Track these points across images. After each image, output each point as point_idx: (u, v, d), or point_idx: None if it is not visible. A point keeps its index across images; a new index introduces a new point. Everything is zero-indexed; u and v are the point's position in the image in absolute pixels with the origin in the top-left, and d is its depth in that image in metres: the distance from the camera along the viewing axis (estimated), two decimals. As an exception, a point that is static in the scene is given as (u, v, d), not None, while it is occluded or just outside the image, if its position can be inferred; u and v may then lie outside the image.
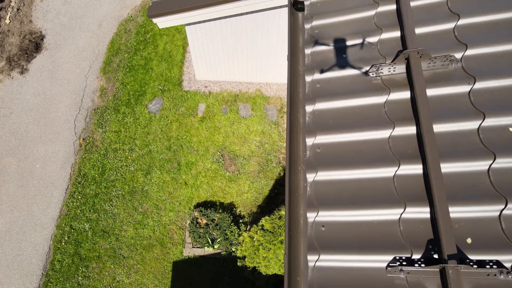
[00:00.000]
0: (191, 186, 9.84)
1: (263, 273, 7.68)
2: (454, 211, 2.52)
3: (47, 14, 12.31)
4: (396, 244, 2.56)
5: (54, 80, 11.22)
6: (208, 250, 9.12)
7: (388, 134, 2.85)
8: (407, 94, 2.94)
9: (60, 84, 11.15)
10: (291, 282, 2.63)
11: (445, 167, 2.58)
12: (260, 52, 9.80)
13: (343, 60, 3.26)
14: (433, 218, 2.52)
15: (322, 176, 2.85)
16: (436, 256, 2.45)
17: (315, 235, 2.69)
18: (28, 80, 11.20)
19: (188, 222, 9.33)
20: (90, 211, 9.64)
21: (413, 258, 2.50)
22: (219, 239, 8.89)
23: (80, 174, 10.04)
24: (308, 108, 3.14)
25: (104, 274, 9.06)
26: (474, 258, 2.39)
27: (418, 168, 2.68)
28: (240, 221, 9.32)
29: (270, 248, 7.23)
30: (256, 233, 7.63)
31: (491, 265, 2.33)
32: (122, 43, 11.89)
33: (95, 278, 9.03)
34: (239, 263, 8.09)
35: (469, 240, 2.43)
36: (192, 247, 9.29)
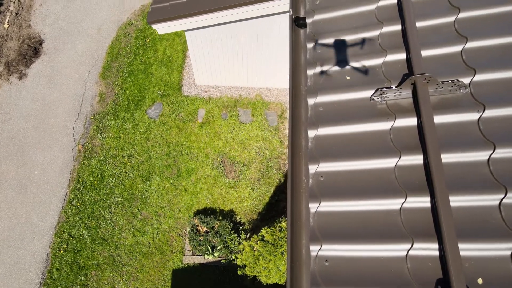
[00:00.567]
0: (191, 193, 9.75)
1: (264, 282, 7.61)
2: (464, 249, 2.41)
3: (46, 18, 12.21)
4: (403, 283, 2.46)
5: (53, 85, 11.13)
6: (208, 258, 9.04)
7: (394, 163, 2.75)
8: (413, 121, 2.84)
9: (59, 90, 11.06)
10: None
11: (454, 201, 2.49)
12: (261, 57, 9.72)
13: (346, 83, 3.17)
14: (442, 256, 2.42)
15: (325, 207, 2.76)
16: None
17: (319, 269, 2.59)
18: (26, 86, 11.11)
19: (187, 229, 9.25)
20: (89, 218, 9.56)
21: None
22: (219, 247, 8.81)
23: (79, 180, 9.95)
24: (311, 133, 3.05)
25: (103, 282, 8.98)
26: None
27: (425, 201, 2.58)
28: (240, 228, 9.24)
29: (271, 259, 7.15)
30: (257, 243, 7.55)
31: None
32: (122, 48, 11.79)
33: (93, 287, 8.96)
34: (239, 272, 8.02)
35: (480, 281, 2.34)
36: (192, 255, 9.21)
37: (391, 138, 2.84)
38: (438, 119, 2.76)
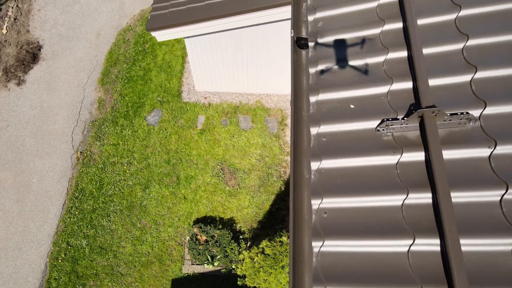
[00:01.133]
0: (191, 201, 9.66)
1: (264, 294, 7.52)
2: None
3: (44, 23, 12.10)
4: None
5: (52, 91, 11.02)
6: (208, 268, 8.95)
7: (401, 201, 2.63)
8: (421, 156, 2.71)
9: (57, 96, 10.96)
10: None
11: (465, 244, 2.38)
12: (261, 63, 9.63)
13: (350, 112, 3.05)
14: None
15: (329, 247, 2.65)
16: None
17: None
18: (25, 92, 11.00)
19: (187, 238, 9.16)
20: (87, 227, 9.46)
21: None
22: (219, 256, 8.72)
23: (77, 188, 9.85)
24: (314, 165, 2.92)
25: (101, 293, 8.90)
26: None
27: (435, 244, 2.47)
28: (240, 237, 9.15)
29: (271, 272, 7.06)
30: (257, 255, 7.46)
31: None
32: (121, 54, 11.69)
33: (92, 297, 8.87)
34: (239, 282, 7.95)
35: None
36: (192, 264, 9.13)
37: (398, 173, 2.72)
38: (447, 155, 2.63)
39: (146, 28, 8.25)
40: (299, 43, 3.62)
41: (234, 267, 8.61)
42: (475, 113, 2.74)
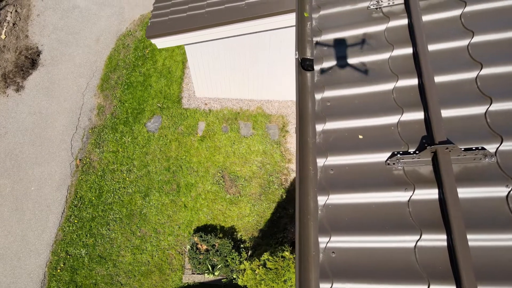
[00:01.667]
0: (191, 209, 9.55)
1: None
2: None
3: (43, 29, 11.97)
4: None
5: (51, 97, 10.91)
6: (209, 277, 8.85)
7: (413, 242, 2.52)
8: (434, 194, 2.57)
9: (56, 102, 10.84)
10: None
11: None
12: (262, 69, 9.53)
13: (359, 143, 2.92)
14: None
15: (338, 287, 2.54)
16: None
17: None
18: (23, 98, 10.88)
19: (187, 247, 9.06)
20: (86, 235, 9.36)
21: None
22: (219, 266, 8.62)
23: (76, 196, 9.74)
24: (321, 200, 2.80)
25: (100, 303, 8.80)
26: None
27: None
28: (241, 246, 9.05)
29: (273, 286, 6.95)
30: (259, 268, 7.36)
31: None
32: (120, 59, 11.57)
33: (91, 308, 8.77)
34: (240, 293, 7.86)
35: None
36: (192, 273, 9.03)
37: (410, 211, 2.60)
38: (462, 193, 2.50)
39: (146, 35, 8.14)
40: (303, 64, 3.51)
41: (235, 276, 8.53)
42: (491, 148, 2.60)
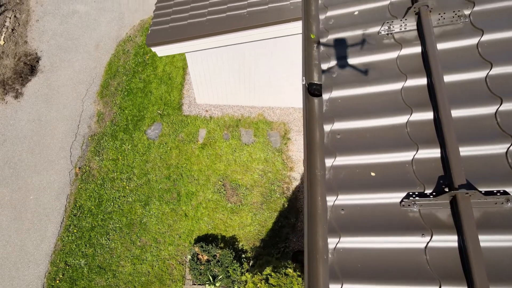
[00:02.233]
0: (192, 218, 9.43)
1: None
2: None
3: (43, 34, 11.83)
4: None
5: (50, 104, 10.77)
6: (209, 288, 8.74)
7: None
8: (453, 241, 2.39)
9: (55, 109, 10.70)
10: None
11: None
12: (263, 76, 9.42)
13: (371, 181, 2.76)
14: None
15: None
16: None
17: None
18: (22, 105, 10.75)
19: (188, 257, 8.94)
20: (86, 245, 9.23)
21: None
22: (220, 277, 8.51)
23: (75, 205, 9.62)
24: (331, 242, 2.54)
25: (100, 315, 8.69)
26: None
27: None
28: (243, 256, 8.94)
29: (276, 302, 6.83)
30: (261, 282, 7.24)
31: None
32: (120, 65, 11.43)
33: (91, 320, 8.66)
34: (241, 305, 7.74)
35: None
36: (193, 284, 8.91)
37: (428, 260, 2.46)
38: (484, 241, 2.35)
39: (146, 43, 8.03)
40: (310, 89, 3.37)
41: (236, 287, 8.43)
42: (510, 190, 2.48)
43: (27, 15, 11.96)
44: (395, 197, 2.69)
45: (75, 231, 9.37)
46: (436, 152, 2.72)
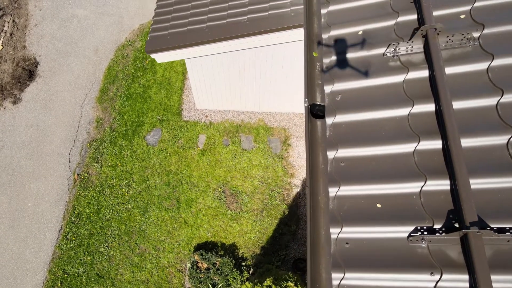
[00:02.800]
0: (191, 225, 9.34)
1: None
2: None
3: (41, 39, 11.71)
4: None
5: (48, 110, 10.66)
6: (209, 297, 8.65)
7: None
8: (465, 281, 2.30)
9: (54, 115, 10.60)
10: None
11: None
12: (264, 82, 9.32)
13: (377, 213, 2.65)
14: None
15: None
16: None
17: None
18: (20, 111, 10.64)
19: (188, 265, 8.85)
20: (84, 253, 9.14)
21: None
22: (220, 285, 8.42)
23: (74, 212, 9.52)
24: (335, 278, 2.48)
25: (99, 324, 8.60)
26: None
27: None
28: (243, 263, 8.86)
29: (276, 316, 6.74)
30: (261, 293, 7.16)
31: None
32: (120, 70, 11.32)
33: (89, 329, 8.57)
34: (241, 315, 7.65)
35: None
36: (192, 292, 8.82)
37: (434, 289, 2.37)
38: (496, 281, 2.24)
39: (145, 50, 7.94)
40: (313, 110, 3.26)
41: (236, 296, 8.36)
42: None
43: (26, 19, 11.84)
44: (403, 231, 2.58)
45: (73, 238, 9.27)
46: (445, 184, 2.60)
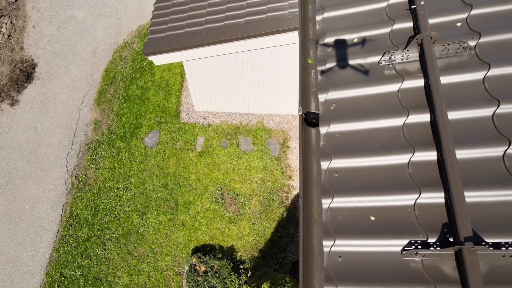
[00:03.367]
0: (189, 228, 9.30)
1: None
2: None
3: (39, 40, 11.67)
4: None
5: (46, 112, 10.63)
6: (207, 300, 8.61)
7: None
8: None
9: (52, 117, 10.56)
10: None
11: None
12: (262, 83, 9.29)
13: (371, 226, 2.60)
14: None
15: None
16: None
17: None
18: (18, 113, 10.60)
19: (185, 268, 8.81)
20: (82, 256, 9.11)
21: None
22: (218, 288, 8.39)
23: (71, 215, 9.49)
24: None
25: (96, 328, 8.56)
26: None
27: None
28: (241, 266, 8.83)
29: (273, 320, 6.72)
30: (259, 298, 7.13)
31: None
32: (118, 72, 11.28)
33: (86, 333, 8.54)
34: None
35: None
36: (190, 296, 8.78)
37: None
38: None
39: (143, 52, 7.90)
40: (308, 118, 3.22)
41: (234, 300, 8.32)
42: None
43: (24, 21, 11.80)
44: (396, 244, 2.53)
45: (70, 241, 9.24)
46: (439, 197, 2.56)
